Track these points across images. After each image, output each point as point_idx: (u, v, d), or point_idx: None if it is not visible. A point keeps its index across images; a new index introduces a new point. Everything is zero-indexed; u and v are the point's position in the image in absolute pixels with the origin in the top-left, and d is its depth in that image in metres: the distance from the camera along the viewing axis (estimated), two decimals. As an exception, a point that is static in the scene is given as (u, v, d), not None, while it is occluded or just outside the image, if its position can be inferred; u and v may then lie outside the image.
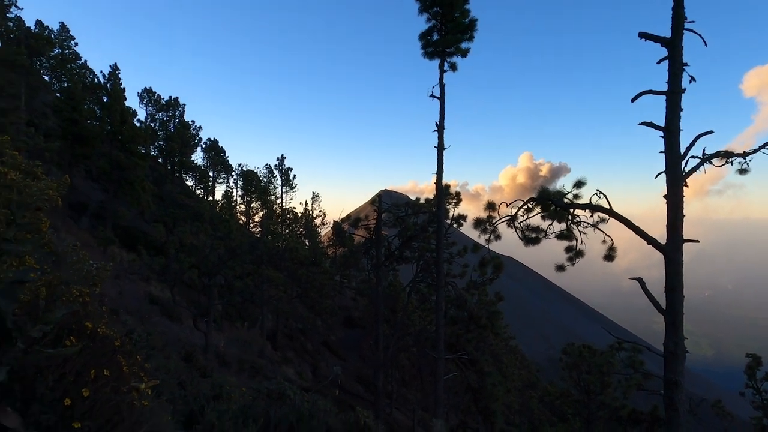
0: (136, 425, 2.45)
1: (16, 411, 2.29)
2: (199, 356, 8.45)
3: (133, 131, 30.61)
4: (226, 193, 45.79)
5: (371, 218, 23.01)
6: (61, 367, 2.36)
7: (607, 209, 9.32)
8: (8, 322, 2.27)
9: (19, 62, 25.14)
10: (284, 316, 34.18)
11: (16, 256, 2.30)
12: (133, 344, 3.06)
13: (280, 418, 3.77)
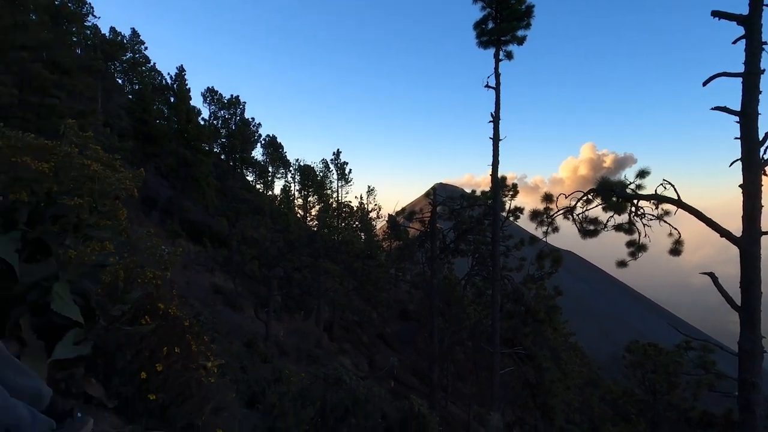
0: (204, 400, 2.62)
1: (99, 382, 2.52)
2: (260, 343, 8.82)
3: (197, 130, 32.10)
4: (285, 188, 47.14)
5: (426, 211, 22.97)
6: (137, 343, 2.57)
7: (674, 200, 8.83)
8: (92, 301, 2.50)
9: (96, 67, 26.98)
10: (341, 308, 34.83)
11: (98, 241, 2.52)
12: (201, 326, 3.26)
13: (336, 402, 3.89)
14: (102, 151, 2.64)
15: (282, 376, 4.52)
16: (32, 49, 23.39)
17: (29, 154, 2.32)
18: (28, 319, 2.36)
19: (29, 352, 2.34)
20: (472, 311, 26.59)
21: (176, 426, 2.53)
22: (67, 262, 2.33)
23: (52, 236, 2.37)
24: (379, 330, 38.88)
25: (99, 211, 2.43)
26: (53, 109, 22.69)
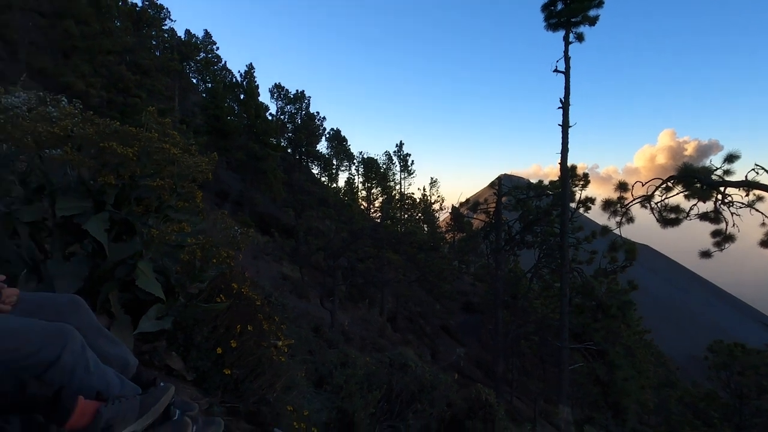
0: (275, 377, 2.70)
1: (179, 356, 2.66)
2: (327, 329, 9.03)
3: (265, 124, 33.24)
4: (348, 180, 47.86)
5: (491, 202, 22.51)
6: (213, 320, 2.69)
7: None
8: (172, 279, 2.64)
9: (173, 68, 28.59)
10: (404, 299, 35.00)
11: (177, 222, 2.65)
12: (271, 307, 3.36)
13: (402, 387, 3.90)
14: (179, 136, 2.77)
15: (348, 361, 4.59)
16: (117, 53, 25.15)
17: (116, 140, 2.47)
18: (117, 294, 2.53)
19: (117, 324, 2.51)
20: (538, 305, 25.85)
21: (249, 401, 2.62)
22: (149, 241, 2.47)
23: (136, 217, 2.52)
24: (442, 321, 38.71)
25: (178, 193, 2.56)
26: (135, 107, 24.29)
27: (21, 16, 25.65)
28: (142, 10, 33.16)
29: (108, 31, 25.71)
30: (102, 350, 1.85)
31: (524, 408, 26.96)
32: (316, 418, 3.12)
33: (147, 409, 1.60)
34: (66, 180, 2.59)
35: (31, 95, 2.79)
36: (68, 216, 2.49)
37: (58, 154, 2.59)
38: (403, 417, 3.73)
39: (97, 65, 23.99)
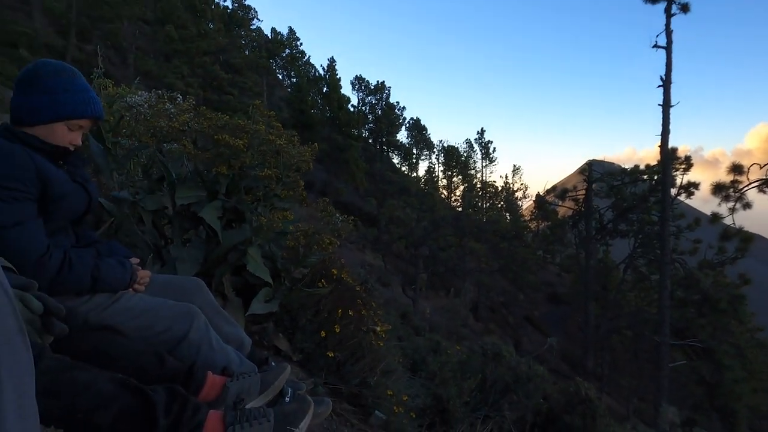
0: (374, 361, 2.75)
1: (285, 337, 2.79)
2: (413, 316, 9.11)
3: (348, 116, 33.96)
4: (429, 169, 47.75)
5: (580, 189, 21.42)
6: (316, 304, 2.78)
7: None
8: (278, 264, 2.76)
9: (262, 65, 29.99)
10: (486, 289, 34.43)
11: (282, 210, 2.77)
12: (369, 293, 3.43)
13: (496, 377, 3.83)
14: (281, 127, 2.88)
15: (439, 348, 4.59)
16: (212, 53, 26.82)
17: (227, 132, 2.61)
18: (229, 277, 2.70)
19: (230, 306, 2.68)
20: (632, 297, 24.28)
21: (351, 383, 2.69)
22: (258, 228, 2.60)
23: (246, 205, 2.66)
24: (526, 312, 37.63)
25: (283, 182, 2.66)
26: (229, 104, 25.80)
27: (129, 25, 28.08)
28: (232, 12, 35.02)
29: (203, 33, 27.46)
30: (221, 330, 1.97)
31: (616, 405, 25.56)
32: (413, 403, 3.14)
33: (267, 386, 1.69)
34: (183, 171, 2.79)
35: (151, 94, 3.03)
36: (186, 204, 2.68)
37: (176, 148, 2.79)
38: (497, 407, 3.67)
39: (195, 66, 25.73)
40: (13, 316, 0.76)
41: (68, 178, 1.74)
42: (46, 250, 1.57)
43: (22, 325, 0.80)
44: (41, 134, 1.66)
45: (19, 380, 0.72)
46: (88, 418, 1.18)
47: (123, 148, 2.98)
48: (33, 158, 1.59)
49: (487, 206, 38.88)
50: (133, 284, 1.81)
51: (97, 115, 1.74)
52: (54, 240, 1.68)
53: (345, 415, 2.60)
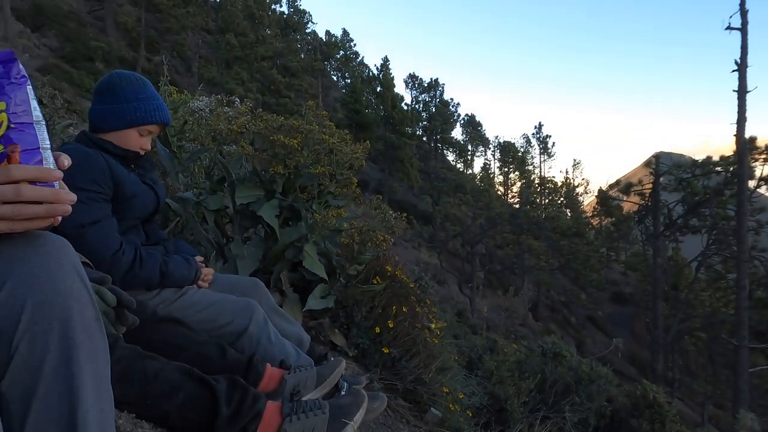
0: (429, 358, 2.75)
1: (341, 333, 2.85)
2: (470, 315, 9.01)
3: (401, 114, 34.04)
4: (485, 166, 47.02)
5: (646, 183, 20.36)
6: (370, 301, 2.82)
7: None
8: (333, 261, 2.82)
9: (317, 67, 30.63)
10: (545, 287, 33.47)
11: (336, 207, 2.82)
12: (422, 290, 3.43)
13: (556, 377, 3.72)
14: (335, 126, 2.93)
15: (496, 347, 4.51)
16: (269, 58, 27.69)
17: (282, 133, 2.69)
18: (287, 274, 2.78)
19: (288, 302, 2.77)
20: (706, 297, 22.80)
21: (406, 379, 2.71)
22: (313, 225, 2.66)
23: (301, 203, 2.73)
24: (589, 312, 36.22)
25: (337, 180, 2.72)
26: (285, 107, 26.53)
27: (192, 35, 29.53)
28: (288, 17, 35.97)
29: (261, 39, 28.39)
30: (280, 327, 2.04)
31: (688, 411, 24.11)
32: (469, 401, 3.11)
33: (323, 379, 1.73)
34: (242, 172, 2.90)
35: (211, 99, 3.18)
36: (245, 204, 2.79)
37: (235, 149, 2.90)
38: (558, 409, 3.56)
39: (253, 71, 26.66)
40: (91, 306, 0.83)
41: (139, 180, 1.86)
42: (120, 247, 1.69)
43: (99, 314, 0.87)
44: (115, 139, 1.79)
45: (96, 365, 0.78)
46: (157, 404, 1.27)
47: (187, 151, 3.14)
48: (108, 162, 1.72)
49: (546, 202, 37.73)
50: (198, 280, 1.92)
51: (165, 121, 1.86)
52: (126, 238, 1.80)
53: (400, 411, 2.61)
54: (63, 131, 3.32)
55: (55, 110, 2.82)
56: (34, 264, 0.78)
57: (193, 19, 27.58)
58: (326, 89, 40.58)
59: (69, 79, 20.59)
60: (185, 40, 29.82)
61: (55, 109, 2.85)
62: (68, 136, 2.78)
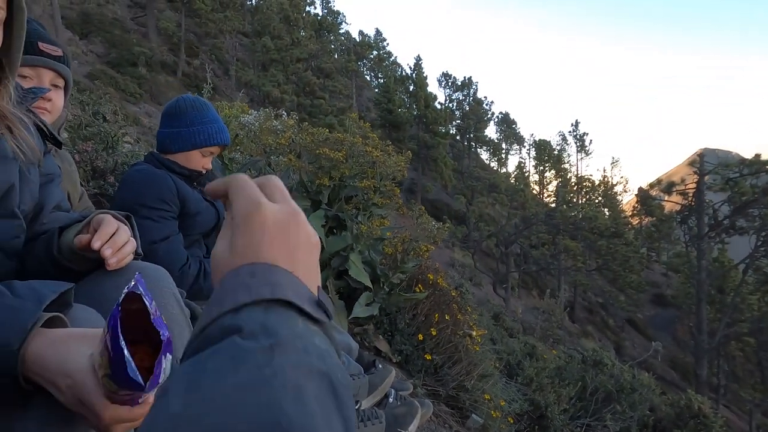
0: (471, 365, 2.81)
1: (385, 339, 2.93)
2: (507, 317, 8.97)
3: (435, 113, 33.93)
4: (519, 164, 46.34)
5: (689, 182, 19.68)
6: (413, 308, 2.89)
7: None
8: (377, 269, 2.90)
9: (351, 68, 30.85)
10: (582, 289, 32.77)
11: (380, 217, 2.91)
12: (463, 298, 3.48)
13: (597, 385, 3.70)
14: (378, 139, 3.01)
15: (535, 352, 4.51)
16: (304, 60, 28.10)
17: (327, 146, 2.80)
18: (333, 282, 2.89)
19: (334, 309, 2.87)
20: (754, 301, 21.87)
21: (448, 386, 2.77)
22: (358, 235, 2.76)
23: (346, 214, 2.83)
24: (628, 314, 35.24)
25: (380, 192, 2.80)
26: (320, 108, 26.88)
27: (229, 38, 30.24)
28: (322, 18, 36.36)
29: (296, 41, 28.82)
30: (329, 335, 2.14)
31: (735, 420, 23.20)
32: (510, 408, 3.15)
33: (375, 388, 1.82)
34: (290, 182, 3.02)
35: (260, 112, 3.31)
36: (293, 214, 2.91)
37: (283, 161, 3.03)
38: (599, 417, 3.54)
39: (289, 73, 27.10)
40: (187, 329, 0.94)
41: (201, 197, 1.99)
42: (186, 261, 1.82)
43: (189, 321, 0.99)
44: (180, 160, 1.92)
45: None
46: None
47: (237, 163, 3.29)
48: (175, 181, 1.85)
49: (583, 202, 36.91)
50: (254, 290, 2.04)
51: (225, 142, 1.98)
52: (190, 251, 1.93)
53: (443, 416, 2.68)
54: (120, 142, 3.52)
55: (118, 126, 3.02)
56: None
57: (230, 23, 28.23)
58: (359, 89, 40.84)
59: (114, 84, 21.41)
60: (223, 43, 30.59)
61: (118, 124, 3.04)
62: (130, 152, 2.97)
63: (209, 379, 0.32)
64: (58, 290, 0.71)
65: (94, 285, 0.92)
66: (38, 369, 0.62)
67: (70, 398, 0.61)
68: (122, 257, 0.91)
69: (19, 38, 0.92)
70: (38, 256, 0.98)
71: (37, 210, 1.06)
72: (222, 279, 0.42)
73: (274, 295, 0.39)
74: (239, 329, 0.36)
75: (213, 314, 0.38)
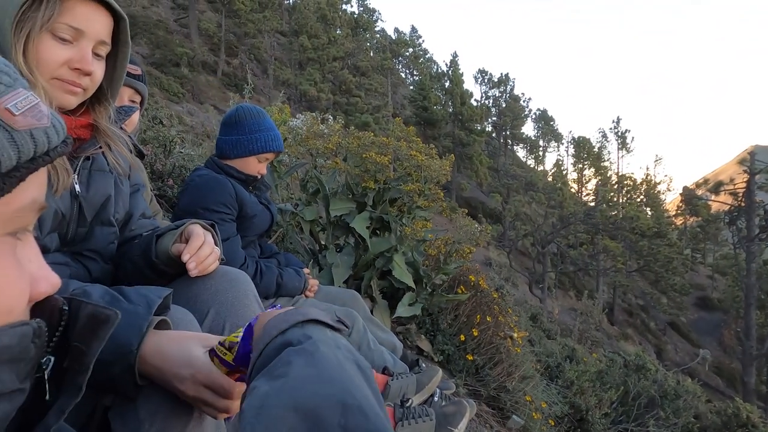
0: (512, 367, 2.84)
1: (427, 339, 3.00)
2: (544, 318, 8.87)
3: (470, 111, 33.65)
4: (557, 162, 45.38)
5: (738, 181, 18.86)
6: (455, 309, 2.94)
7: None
8: (420, 270, 2.97)
9: (386, 66, 30.93)
10: (622, 290, 31.89)
11: (423, 220, 2.97)
12: (504, 299, 3.50)
13: (639, 390, 3.66)
14: (421, 142, 3.07)
15: (574, 355, 4.48)
16: (340, 58, 28.35)
17: (373, 150, 2.88)
18: (377, 282, 2.97)
19: (378, 308, 2.95)
20: (809, 307, 20.82)
21: (489, 386, 2.81)
22: (402, 237, 2.82)
23: (391, 216, 2.90)
24: (671, 318, 34.09)
25: (425, 195, 2.86)
26: (356, 107, 27.07)
27: (268, 37, 30.80)
28: (358, 16, 36.56)
29: (333, 40, 29.10)
30: (375, 335, 2.22)
31: (786, 430, 22.13)
32: (550, 410, 3.16)
33: (422, 387, 1.88)
34: (336, 185, 3.12)
35: (306, 117, 3.42)
36: (339, 215, 3.01)
37: (329, 164, 3.13)
38: (642, 423, 3.49)
39: (325, 72, 27.40)
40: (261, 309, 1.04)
41: (257, 200, 2.10)
42: (245, 261, 1.93)
43: None
44: (238, 165, 2.04)
45: None
46: None
47: (284, 165, 3.41)
48: (234, 186, 1.96)
49: (623, 201, 35.86)
50: (306, 291, 2.14)
51: (280, 149, 2.09)
52: (246, 252, 2.04)
53: (484, 416, 2.73)
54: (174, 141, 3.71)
55: (177, 131, 3.18)
56: (230, 294, 1.01)
57: (268, 22, 28.75)
58: (395, 87, 40.87)
59: (159, 84, 22.18)
60: (261, 43, 31.18)
61: (174, 129, 3.20)
62: (186, 155, 3.12)
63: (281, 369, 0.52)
64: (162, 295, 0.81)
65: (186, 286, 1.02)
66: (159, 363, 0.72)
67: (191, 385, 0.71)
68: (204, 268, 1.02)
69: (122, 68, 1.04)
70: (133, 259, 1.09)
71: (127, 218, 1.18)
72: (265, 324, 0.62)
73: (305, 317, 0.60)
74: (290, 343, 0.56)
75: (266, 340, 0.59)
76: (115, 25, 1.00)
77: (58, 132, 0.46)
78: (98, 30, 0.95)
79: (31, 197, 0.44)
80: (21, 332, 0.45)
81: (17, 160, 0.41)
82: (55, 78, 0.92)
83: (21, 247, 0.46)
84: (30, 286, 0.47)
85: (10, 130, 0.41)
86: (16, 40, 0.85)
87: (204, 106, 20.94)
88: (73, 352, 0.60)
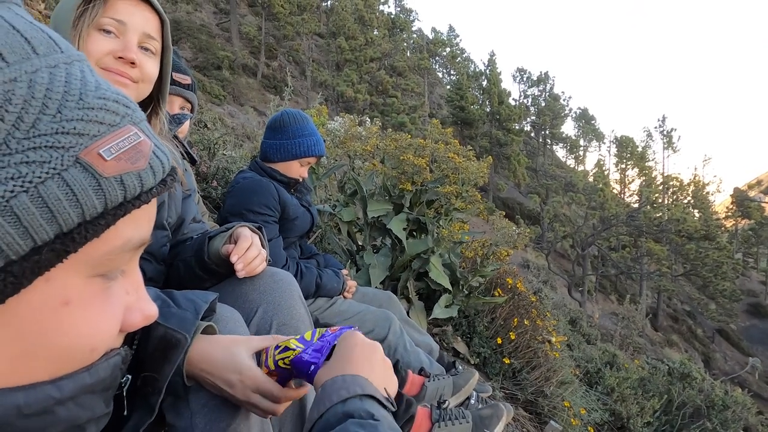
0: (550, 371, 2.80)
1: (463, 341, 3.00)
2: (584, 323, 8.68)
3: (508, 110, 33.16)
4: (598, 162, 44.17)
5: (795, 182, 17.86)
6: (492, 312, 2.93)
7: None
8: (457, 272, 2.97)
9: (423, 66, 30.85)
10: (667, 295, 30.75)
11: (461, 222, 2.97)
12: (542, 303, 3.46)
13: (684, 399, 3.53)
14: (458, 144, 3.07)
15: (615, 361, 4.37)
16: (377, 59, 28.46)
17: (410, 151, 2.90)
18: (413, 283, 2.99)
19: (414, 310, 2.97)
20: None
21: (527, 391, 2.78)
22: (439, 239, 2.83)
23: (428, 218, 2.92)
24: (719, 324, 32.62)
25: (462, 197, 2.86)
26: (392, 107, 27.12)
27: (306, 39, 31.26)
28: (395, 17, 36.61)
29: (370, 41, 29.26)
30: (412, 336, 2.24)
31: None
32: (590, 417, 3.10)
33: (459, 389, 1.89)
34: (373, 186, 3.16)
35: (344, 119, 3.48)
36: (376, 216, 3.04)
37: (366, 166, 3.17)
38: (686, 433, 3.38)
39: (362, 73, 27.58)
40: (311, 327, 1.08)
41: (298, 203, 2.16)
42: (286, 262, 1.99)
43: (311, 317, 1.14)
44: (281, 168, 2.10)
45: None
46: None
47: (323, 167, 3.47)
48: (276, 188, 2.03)
49: (669, 202, 34.55)
50: (344, 292, 2.18)
51: (322, 154, 2.14)
52: (288, 253, 2.11)
53: (521, 420, 2.70)
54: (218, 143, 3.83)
55: (220, 134, 3.29)
56: (277, 294, 1.06)
57: (307, 25, 29.18)
58: (431, 86, 40.73)
59: (202, 87, 22.86)
60: (299, 45, 31.68)
61: (220, 133, 3.32)
62: (230, 158, 3.23)
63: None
64: (208, 300, 0.85)
65: (235, 286, 1.08)
66: (207, 367, 0.76)
67: (241, 390, 0.75)
68: (251, 269, 1.07)
69: (167, 74, 1.10)
70: (186, 260, 1.16)
71: (179, 222, 1.25)
72: (322, 384, 0.67)
73: (364, 392, 0.65)
74: (351, 414, 0.61)
75: (326, 405, 0.64)
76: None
77: (155, 172, 0.44)
78: (140, 23, 1.00)
79: (123, 239, 0.43)
80: (113, 363, 0.48)
81: (103, 208, 0.40)
82: (102, 68, 0.97)
83: (118, 281, 0.46)
84: (123, 317, 0.47)
85: (98, 178, 0.39)
86: (73, 37, 0.92)
87: (244, 107, 21.47)
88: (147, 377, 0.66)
